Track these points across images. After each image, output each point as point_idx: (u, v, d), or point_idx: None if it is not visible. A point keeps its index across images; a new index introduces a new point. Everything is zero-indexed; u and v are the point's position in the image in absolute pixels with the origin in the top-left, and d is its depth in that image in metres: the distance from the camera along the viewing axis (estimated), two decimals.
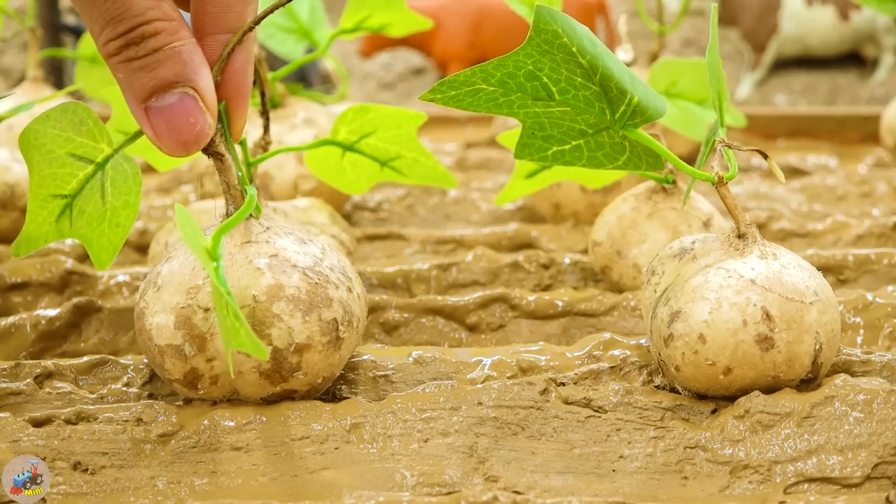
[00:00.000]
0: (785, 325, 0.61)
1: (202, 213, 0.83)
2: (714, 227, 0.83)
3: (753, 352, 0.61)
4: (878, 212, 1.10)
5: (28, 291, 0.87)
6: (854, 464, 0.59)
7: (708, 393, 0.64)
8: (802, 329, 0.61)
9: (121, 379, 0.70)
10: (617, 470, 0.60)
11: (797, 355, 0.62)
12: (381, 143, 0.83)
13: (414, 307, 0.82)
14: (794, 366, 0.62)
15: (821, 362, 0.63)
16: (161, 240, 0.82)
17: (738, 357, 0.61)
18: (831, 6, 3.11)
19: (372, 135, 0.82)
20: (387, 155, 0.84)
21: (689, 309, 0.62)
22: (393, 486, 0.59)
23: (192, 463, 0.60)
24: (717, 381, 0.62)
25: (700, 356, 0.62)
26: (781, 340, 0.61)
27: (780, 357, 0.61)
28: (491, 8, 2.64)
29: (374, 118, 0.82)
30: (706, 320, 0.61)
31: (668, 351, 0.63)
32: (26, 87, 1.26)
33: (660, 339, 0.64)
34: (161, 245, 0.82)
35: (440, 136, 1.65)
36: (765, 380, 0.62)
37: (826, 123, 1.59)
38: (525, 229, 1.01)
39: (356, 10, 1.02)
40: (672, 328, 0.63)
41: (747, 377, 0.62)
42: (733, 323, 0.61)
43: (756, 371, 0.62)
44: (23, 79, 2.57)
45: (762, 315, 0.61)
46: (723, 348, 0.61)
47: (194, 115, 0.56)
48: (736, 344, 0.61)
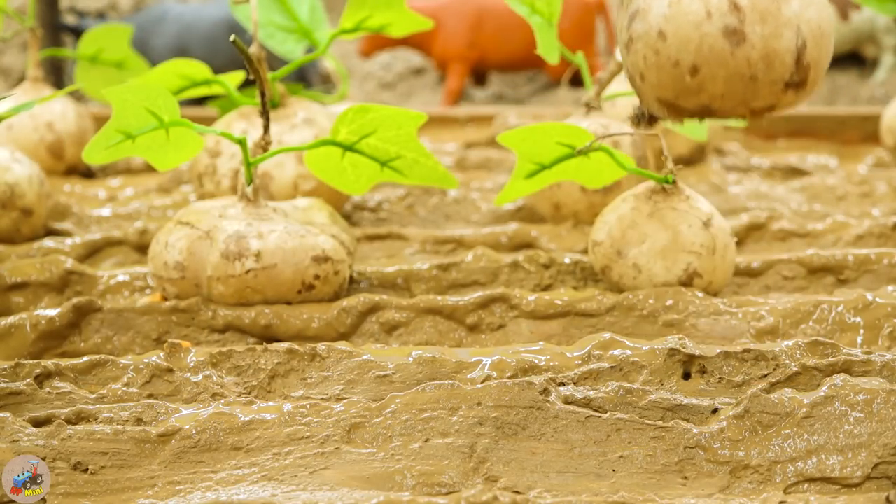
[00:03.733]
0: (757, 17, 0.55)
1: (202, 213, 0.83)
2: (714, 227, 0.83)
3: (721, 46, 0.55)
4: (878, 212, 1.10)
5: (28, 291, 0.87)
6: (854, 464, 0.59)
7: (678, 102, 0.58)
8: (780, 22, 0.55)
9: (121, 379, 0.70)
10: (617, 470, 0.60)
11: (775, 52, 0.55)
12: (381, 143, 0.83)
13: (414, 307, 0.82)
14: (773, 64, 0.56)
15: (807, 62, 0.56)
16: (161, 240, 0.82)
17: (705, 53, 0.55)
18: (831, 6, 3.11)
19: (372, 135, 0.82)
20: (387, 155, 0.84)
21: (647, 5, 0.56)
22: (393, 486, 0.59)
23: (192, 463, 0.60)
24: (684, 85, 0.56)
25: (662, 56, 0.56)
26: (754, 34, 0.55)
27: (754, 53, 0.55)
28: (491, 8, 2.63)
29: (375, 118, 0.82)
30: (665, 14, 0.55)
31: (631, 58, 0.57)
32: (26, 87, 1.26)
33: (623, 50, 0.58)
34: (161, 245, 0.82)
35: (440, 136, 1.65)
36: (740, 81, 0.56)
37: (826, 123, 1.59)
38: (525, 229, 1.01)
39: (356, 10, 1.02)
40: (631, 30, 0.57)
41: (718, 77, 0.55)
42: (696, 15, 0.55)
43: (727, 69, 0.55)
44: (23, 79, 2.57)
45: (729, 5, 0.55)
46: (686, 43, 0.55)
47: None
48: (700, 38, 0.55)
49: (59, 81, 1.94)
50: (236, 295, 0.80)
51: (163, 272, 0.82)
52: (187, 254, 0.81)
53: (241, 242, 0.79)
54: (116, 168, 1.41)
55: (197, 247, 0.80)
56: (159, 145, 0.81)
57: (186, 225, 0.82)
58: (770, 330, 0.79)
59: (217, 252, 0.79)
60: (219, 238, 0.80)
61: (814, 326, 0.80)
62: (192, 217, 0.83)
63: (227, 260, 0.79)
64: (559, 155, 0.85)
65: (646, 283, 0.83)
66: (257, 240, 0.79)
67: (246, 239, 0.79)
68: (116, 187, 1.27)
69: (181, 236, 0.81)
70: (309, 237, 0.81)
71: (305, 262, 0.80)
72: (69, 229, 1.07)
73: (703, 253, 0.82)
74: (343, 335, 0.80)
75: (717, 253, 0.83)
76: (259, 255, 0.79)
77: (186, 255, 0.81)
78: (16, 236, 1.00)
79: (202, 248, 0.80)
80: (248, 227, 0.80)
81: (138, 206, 1.13)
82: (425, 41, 2.64)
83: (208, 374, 0.71)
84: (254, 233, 0.80)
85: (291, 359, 0.71)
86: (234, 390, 0.70)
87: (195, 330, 0.81)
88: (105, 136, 0.80)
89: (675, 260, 0.82)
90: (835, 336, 0.79)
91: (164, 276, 0.82)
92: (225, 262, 0.79)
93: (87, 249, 0.98)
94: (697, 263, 0.82)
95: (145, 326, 0.81)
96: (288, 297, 0.81)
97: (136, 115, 0.79)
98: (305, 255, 0.80)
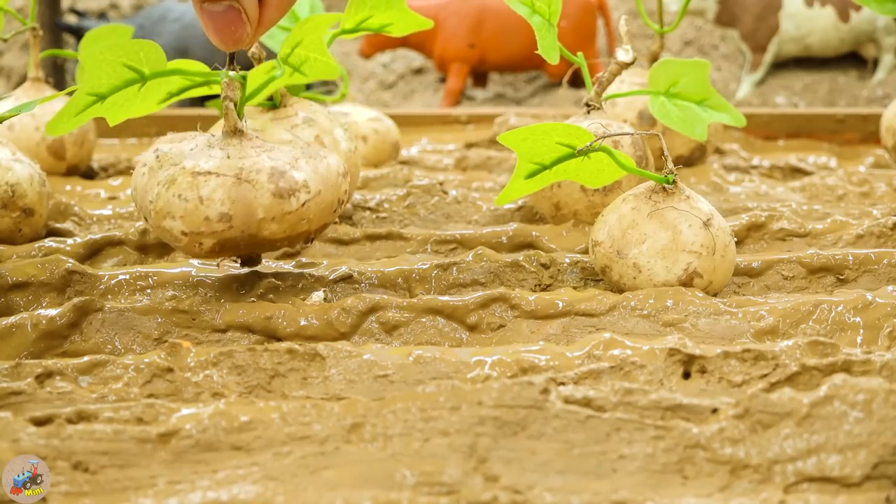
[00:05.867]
0: None
1: (181, 155, 0.80)
2: (714, 227, 0.83)
3: None
4: (878, 212, 1.10)
5: (29, 291, 0.87)
6: (854, 463, 0.59)
7: None
8: None
9: (121, 378, 0.70)
10: (617, 470, 0.60)
11: None
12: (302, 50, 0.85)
13: (414, 307, 0.82)
14: None
15: None
16: (188, 196, 0.78)
17: None
18: (831, 6, 3.11)
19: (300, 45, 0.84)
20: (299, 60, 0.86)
21: None
22: (393, 486, 0.59)
23: (193, 463, 0.61)
24: None
25: None
26: None
27: None
28: (491, 8, 2.64)
29: None
30: None
31: None
32: (27, 88, 1.26)
33: None
34: (192, 202, 0.78)
35: (440, 136, 1.65)
36: None
37: (826, 123, 1.59)
38: (525, 229, 1.01)
39: (357, 10, 1.02)
40: None
41: None
42: None
43: None
44: (23, 79, 2.57)
45: None
46: None
47: (235, 24, 0.71)
48: None
49: (60, 82, 1.94)
50: (289, 230, 0.80)
51: (204, 227, 0.78)
52: (230, 203, 0.78)
53: (286, 178, 0.78)
54: (117, 168, 1.41)
55: (236, 193, 0.78)
56: (127, 100, 0.79)
57: (195, 174, 0.78)
58: (770, 330, 0.79)
59: (267, 193, 0.78)
60: (260, 180, 0.78)
61: (814, 326, 0.80)
62: (177, 158, 0.80)
63: (282, 198, 0.78)
64: (559, 155, 0.85)
65: (646, 283, 0.83)
66: (298, 172, 0.79)
67: (288, 173, 0.79)
68: (117, 187, 1.27)
69: (214, 187, 0.78)
70: (327, 157, 0.82)
71: (338, 180, 0.81)
72: (70, 229, 1.07)
73: (703, 253, 0.82)
74: (343, 335, 0.81)
75: (717, 253, 0.83)
76: (307, 186, 0.79)
77: (230, 204, 0.78)
78: (16, 236, 1.00)
79: (243, 193, 0.78)
80: (276, 161, 0.79)
81: None
82: (425, 41, 2.64)
83: (209, 374, 0.71)
84: (287, 165, 0.79)
85: (292, 359, 0.72)
86: (235, 390, 0.70)
87: (196, 330, 0.81)
88: (75, 104, 0.78)
89: (675, 260, 0.82)
90: (835, 336, 0.79)
91: (206, 230, 0.78)
92: (279, 200, 0.78)
93: (88, 249, 0.98)
94: (697, 263, 0.82)
95: (146, 326, 0.81)
96: (329, 219, 0.82)
97: (110, 74, 0.77)
98: (335, 174, 0.81)
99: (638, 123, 1.24)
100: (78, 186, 1.26)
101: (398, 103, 3.08)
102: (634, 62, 1.00)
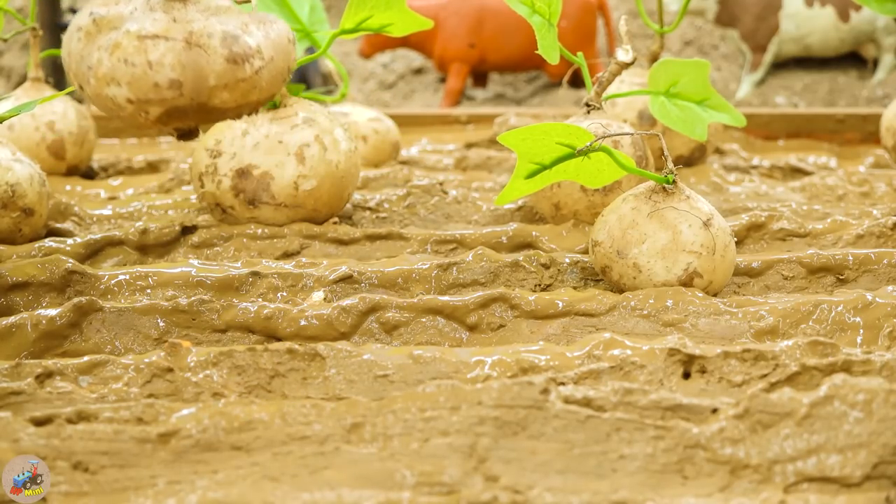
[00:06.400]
0: None
1: (121, 19, 0.76)
2: (714, 227, 0.83)
3: None
4: (878, 212, 1.10)
5: (29, 291, 0.87)
6: (854, 463, 0.59)
7: None
8: None
9: (121, 379, 0.70)
10: (617, 470, 0.60)
11: None
12: None
13: (414, 307, 0.82)
14: None
15: None
16: (135, 61, 0.74)
17: None
18: (831, 6, 3.11)
19: None
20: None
21: None
22: (393, 485, 0.59)
23: (192, 463, 0.60)
24: None
25: None
26: None
27: None
28: (491, 8, 2.63)
29: None
30: None
31: None
32: (27, 88, 1.26)
33: None
34: (140, 66, 0.73)
35: (440, 136, 1.65)
36: None
37: (826, 123, 1.59)
38: (525, 229, 1.01)
39: (357, 10, 1.02)
40: None
41: None
42: None
43: None
44: (23, 79, 2.56)
45: None
46: None
47: None
48: None
49: (60, 81, 1.94)
50: (240, 98, 0.75)
51: (152, 94, 0.74)
52: (181, 69, 0.73)
53: (240, 43, 0.73)
54: (117, 168, 1.41)
55: (187, 58, 0.73)
56: None
57: (142, 37, 0.73)
58: (770, 330, 0.79)
59: (220, 59, 0.74)
60: (212, 44, 0.73)
61: (813, 326, 0.80)
62: (117, 22, 0.75)
63: (235, 64, 0.74)
64: (559, 155, 0.85)
65: (646, 283, 0.83)
66: (250, 37, 0.74)
67: (241, 38, 0.74)
68: (117, 187, 1.27)
69: (164, 51, 0.73)
70: (276, 21, 0.77)
71: (288, 47, 0.77)
72: (70, 229, 1.07)
73: (703, 253, 0.82)
74: (343, 335, 0.81)
75: (717, 253, 0.83)
76: (261, 52, 0.74)
77: (181, 70, 0.74)
78: (17, 236, 1.00)
79: (194, 58, 0.73)
80: (226, 25, 0.74)
81: (139, 206, 1.13)
82: (425, 41, 2.64)
83: (209, 374, 0.71)
84: (238, 30, 0.74)
85: (292, 359, 0.72)
86: (235, 390, 0.70)
87: (196, 330, 0.81)
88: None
89: (675, 260, 0.82)
90: (835, 336, 0.79)
91: (155, 97, 0.74)
92: (233, 67, 0.74)
93: (88, 249, 0.98)
94: (697, 263, 0.82)
95: (146, 326, 0.81)
96: (277, 88, 0.77)
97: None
98: (285, 41, 0.77)
99: (638, 123, 1.24)
100: (78, 186, 1.26)
101: (398, 103, 3.08)
102: (634, 62, 1.00)
